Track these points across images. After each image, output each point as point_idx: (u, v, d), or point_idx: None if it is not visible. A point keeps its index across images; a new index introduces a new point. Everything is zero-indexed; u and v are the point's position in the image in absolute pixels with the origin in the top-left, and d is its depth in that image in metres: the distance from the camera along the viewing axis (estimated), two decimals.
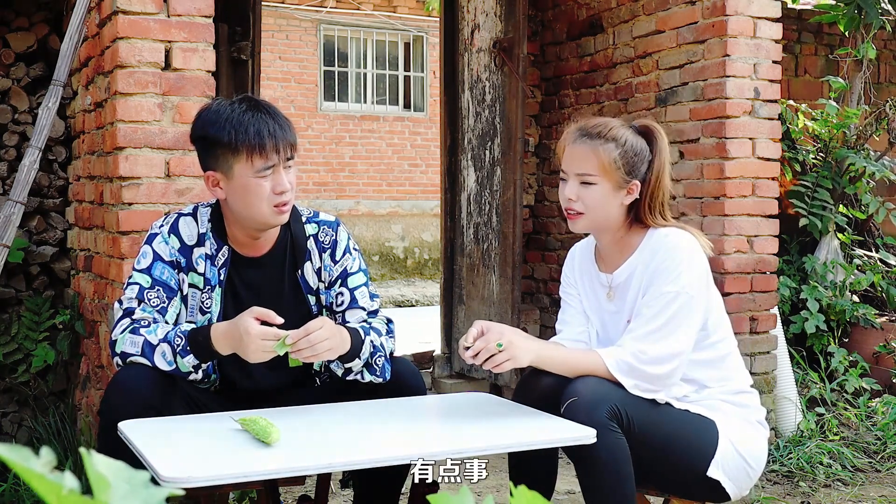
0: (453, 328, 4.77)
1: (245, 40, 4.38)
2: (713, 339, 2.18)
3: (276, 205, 2.08)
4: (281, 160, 2.06)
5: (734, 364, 2.23)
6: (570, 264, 2.38)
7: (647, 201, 2.17)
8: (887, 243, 5.18)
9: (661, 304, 2.08)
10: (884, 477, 3.61)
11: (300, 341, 1.93)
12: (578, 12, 4.74)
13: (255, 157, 2.04)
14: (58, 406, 3.62)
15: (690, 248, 2.12)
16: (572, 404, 1.96)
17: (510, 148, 4.42)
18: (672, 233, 2.15)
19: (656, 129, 2.21)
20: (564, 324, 2.34)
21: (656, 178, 2.17)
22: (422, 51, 11.93)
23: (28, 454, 0.49)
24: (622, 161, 2.13)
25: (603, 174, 2.13)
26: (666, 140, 2.22)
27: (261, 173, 2.05)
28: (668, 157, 2.20)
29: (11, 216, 3.04)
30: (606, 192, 2.14)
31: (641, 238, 2.19)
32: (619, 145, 2.13)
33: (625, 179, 2.14)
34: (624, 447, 1.97)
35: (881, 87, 5.84)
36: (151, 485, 0.51)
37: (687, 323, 2.08)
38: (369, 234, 11.32)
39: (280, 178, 2.07)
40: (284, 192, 2.07)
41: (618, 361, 2.06)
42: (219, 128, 2.06)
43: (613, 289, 2.23)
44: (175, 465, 1.58)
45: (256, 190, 2.06)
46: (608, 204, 2.15)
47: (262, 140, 2.03)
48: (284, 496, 3.12)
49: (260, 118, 2.05)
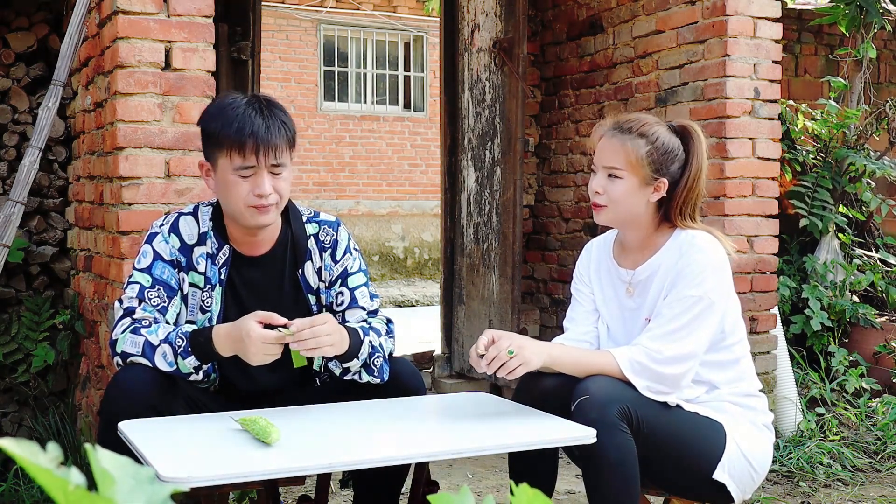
0: (453, 328, 4.77)
1: (245, 40, 4.38)
2: (729, 341, 2.18)
3: (253, 205, 2.06)
4: (263, 164, 2.04)
5: (746, 367, 2.23)
6: (586, 260, 2.37)
7: (679, 203, 2.15)
8: (887, 243, 5.18)
9: (683, 307, 2.08)
10: (884, 477, 3.61)
11: (304, 331, 1.94)
12: (578, 12, 4.74)
13: (234, 154, 2.03)
14: (58, 406, 3.62)
15: (717, 252, 2.12)
16: (583, 402, 1.96)
17: (510, 148, 4.42)
18: (699, 236, 2.14)
19: (694, 130, 2.19)
20: (571, 321, 2.34)
21: (692, 179, 2.15)
22: (422, 51, 11.93)
23: (35, 449, 0.49)
24: (650, 158, 2.12)
25: (629, 169, 2.13)
26: (704, 142, 2.19)
27: (239, 172, 2.04)
28: (705, 160, 2.19)
29: (11, 216, 3.04)
30: (632, 187, 2.13)
31: (667, 238, 2.18)
32: (650, 142, 2.13)
33: (652, 177, 2.13)
34: (632, 448, 1.97)
35: (881, 87, 5.84)
36: (156, 481, 0.52)
37: (704, 327, 2.09)
38: (369, 234, 11.32)
39: (261, 181, 2.04)
40: (262, 195, 2.05)
41: (631, 361, 2.06)
42: (212, 119, 2.08)
43: (634, 285, 2.22)
44: (175, 464, 1.58)
45: (233, 187, 2.06)
46: (633, 199, 2.14)
47: (242, 139, 2.02)
48: (284, 496, 3.12)
49: (252, 118, 2.03)
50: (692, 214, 2.18)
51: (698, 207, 2.20)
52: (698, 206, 2.20)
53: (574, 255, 4.43)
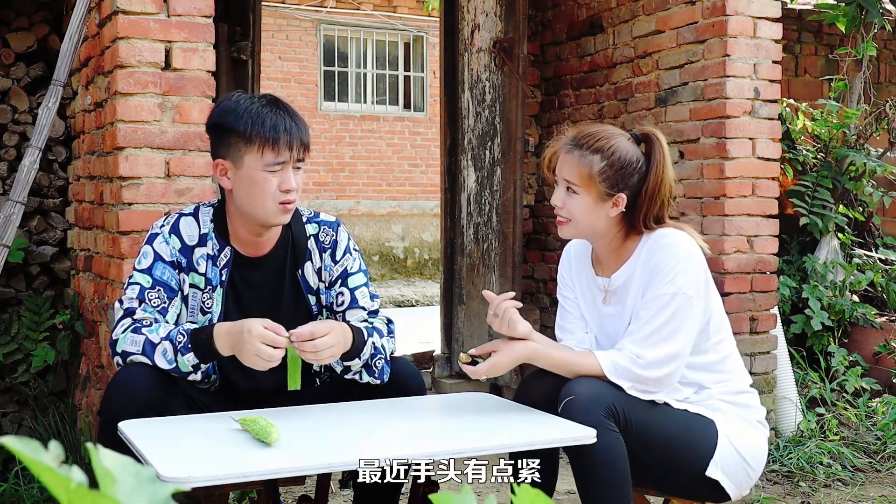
0: (453, 328, 4.77)
1: (245, 40, 4.38)
2: (714, 340, 2.17)
3: (282, 202, 2.08)
4: (292, 159, 2.07)
5: (734, 364, 2.22)
6: (566, 265, 2.36)
7: (641, 212, 2.13)
8: (887, 243, 5.19)
9: (658, 307, 2.06)
10: (884, 477, 3.61)
11: (305, 343, 1.94)
12: (578, 12, 4.74)
13: (268, 150, 2.04)
14: (58, 406, 3.62)
15: (687, 247, 2.10)
16: (569, 403, 1.97)
17: (510, 148, 4.42)
18: (670, 233, 2.12)
19: (656, 137, 2.16)
20: (564, 331, 2.32)
21: (653, 189, 2.12)
22: (422, 51, 11.93)
23: (38, 447, 0.49)
24: (605, 175, 2.09)
25: (584, 185, 2.11)
26: (665, 149, 2.16)
27: (270, 167, 2.05)
28: (668, 166, 2.15)
29: (11, 216, 3.04)
30: (589, 202, 2.12)
31: (638, 242, 2.17)
32: (605, 157, 2.10)
33: (607, 192, 2.10)
34: (621, 446, 1.96)
35: (881, 86, 5.84)
36: (157, 480, 0.52)
37: (686, 325, 2.07)
38: (369, 234, 11.32)
39: (288, 176, 2.07)
40: (290, 190, 2.07)
41: (614, 364, 2.05)
42: (236, 117, 2.07)
43: (610, 293, 2.21)
44: (175, 464, 1.59)
45: (263, 184, 2.06)
46: (592, 215, 2.13)
47: (277, 134, 2.04)
48: (284, 496, 3.12)
49: (278, 114, 2.07)
50: (659, 219, 2.15)
51: (666, 210, 2.17)
52: (666, 209, 2.17)
53: None
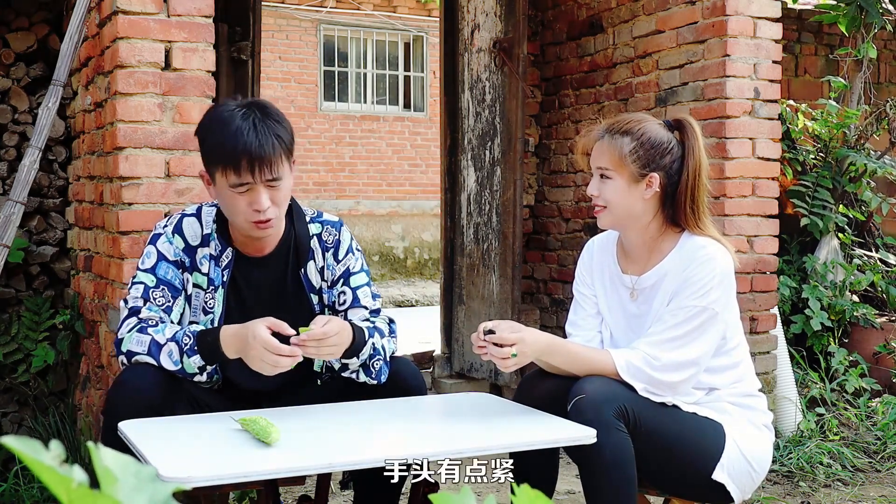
0: (453, 328, 4.77)
1: (245, 40, 4.38)
2: (729, 346, 2.17)
3: (255, 221, 2.04)
4: (259, 181, 2.01)
5: (745, 369, 2.22)
6: (587, 261, 2.34)
7: (684, 201, 2.12)
8: (887, 243, 5.18)
9: (685, 316, 2.06)
10: (884, 477, 3.61)
11: (308, 341, 1.94)
12: (578, 12, 4.74)
13: (229, 171, 2.01)
14: (58, 406, 3.62)
15: (724, 265, 2.10)
16: (580, 401, 1.96)
17: (510, 148, 4.42)
18: (709, 245, 2.11)
19: (689, 123, 2.17)
20: (575, 326, 2.30)
21: (693, 173, 2.12)
22: (422, 51, 11.93)
23: (38, 447, 0.49)
24: (635, 154, 2.10)
25: (616, 167, 2.12)
26: (699, 134, 2.16)
27: (236, 188, 2.02)
28: (703, 152, 2.15)
29: (11, 216, 3.04)
30: (623, 185, 2.12)
31: (674, 243, 2.15)
32: (635, 138, 2.12)
33: (640, 172, 2.11)
34: (629, 448, 1.96)
35: (881, 87, 5.84)
36: (158, 480, 0.52)
37: (706, 337, 2.07)
38: (369, 234, 11.32)
39: (258, 196, 2.02)
40: (260, 210, 2.03)
41: (628, 364, 2.05)
42: (207, 132, 2.06)
43: (638, 291, 2.20)
44: (175, 464, 1.59)
45: (232, 202, 2.04)
46: (628, 198, 2.12)
47: (237, 159, 1.98)
48: (284, 496, 3.12)
49: (244, 133, 1.99)
50: (701, 217, 2.15)
51: (706, 209, 2.17)
52: (704, 206, 2.16)
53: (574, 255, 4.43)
